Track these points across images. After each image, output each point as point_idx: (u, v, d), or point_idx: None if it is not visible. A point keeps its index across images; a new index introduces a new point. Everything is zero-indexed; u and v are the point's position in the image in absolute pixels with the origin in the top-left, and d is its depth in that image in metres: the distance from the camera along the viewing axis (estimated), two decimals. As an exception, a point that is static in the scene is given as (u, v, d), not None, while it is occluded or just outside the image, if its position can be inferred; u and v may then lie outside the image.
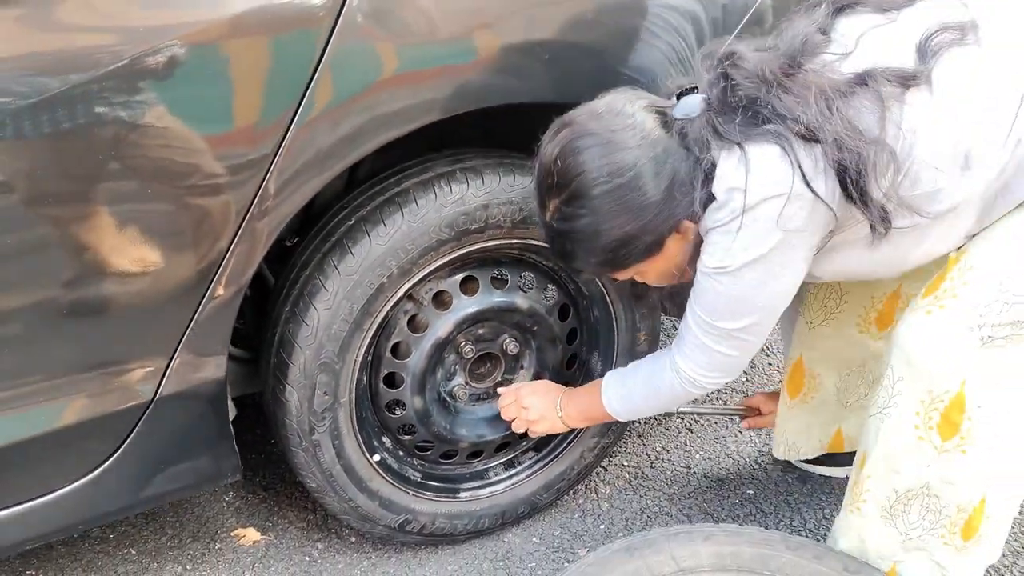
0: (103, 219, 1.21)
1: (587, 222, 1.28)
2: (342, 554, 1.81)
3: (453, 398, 1.70)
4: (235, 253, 1.31)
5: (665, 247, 1.32)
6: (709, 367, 1.41)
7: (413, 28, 1.30)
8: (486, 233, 1.51)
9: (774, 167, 1.19)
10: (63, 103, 1.13)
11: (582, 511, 1.89)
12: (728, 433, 2.09)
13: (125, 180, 1.21)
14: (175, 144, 1.21)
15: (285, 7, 1.21)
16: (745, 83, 1.22)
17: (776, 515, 1.86)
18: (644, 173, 1.24)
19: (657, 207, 1.26)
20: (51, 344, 1.27)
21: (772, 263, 1.25)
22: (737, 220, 1.21)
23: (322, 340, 1.47)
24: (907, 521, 1.36)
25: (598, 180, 1.25)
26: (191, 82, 1.19)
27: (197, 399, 1.41)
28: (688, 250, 1.32)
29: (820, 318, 1.73)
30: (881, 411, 1.34)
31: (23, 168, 1.15)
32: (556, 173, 1.28)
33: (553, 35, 1.40)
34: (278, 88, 1.24)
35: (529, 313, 1.66)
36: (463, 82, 1.36)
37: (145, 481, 1.45)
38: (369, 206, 1.49)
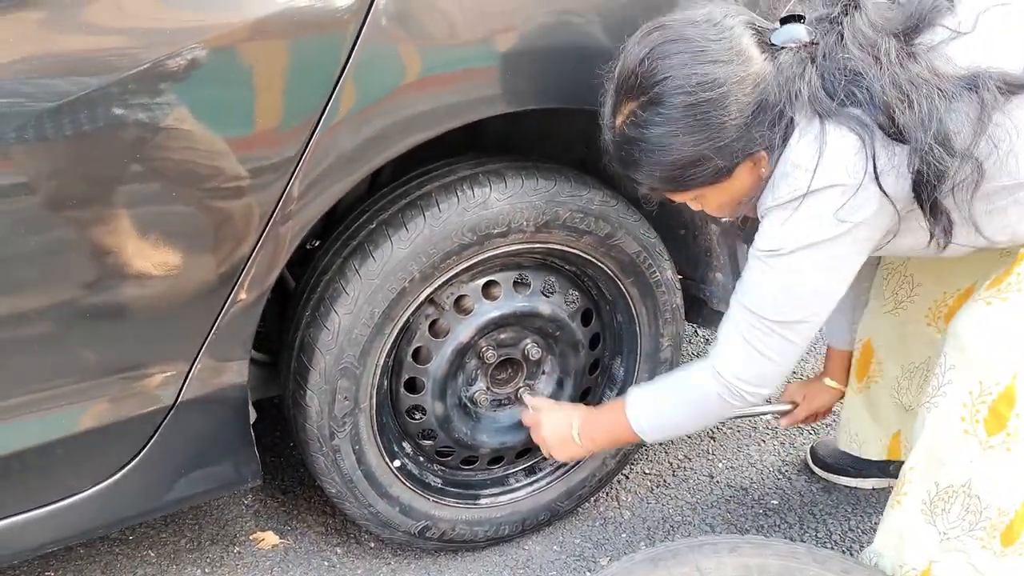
0: (126, 222, 1.21)
1: (661, 132, 1.21)
2: (361, 559, 1.80)
3: (474, 403, 1.68)
4: (258, 257, 1.31)
5: (734, 175, 1.25)
6: (748, 372, 1.35)
7: (440, 31, 1.28)
8: (509, 237, 1.50)
9: (848, 157, 1.15)
10: (88, 106, 1.12)
11: (603, 519, 1.87)
12: (751, 442, 2.06)
13: (148, 183, 1.21)
14: (200, 147, 1.20)
15: (311, 11, 1.20)
16: (856, 54, 1.17)
17: (801, 526, 1.83)
18: (732, 92, 1.18)
19: (737, 131, 1.20)
20: (74, 348, 1.26)
21: (828, 253, 1.21)
22: (798, 200, 1.18)
23: (343, 345, 1.46)
24: (947, 520, 1.33)
25: (683, 89, 1.18)
26: (217, 85, 1.18)
27: (218, 404, 1.41)
28: (757, 183, 1.26)
29: (891, 305, 1.69)
30: (930, 400, 1.31)
31: (50, 171, 1.15)
32: (640, 75, 1.21)
33: (583, 39, 1.38)
34: (304, 91, 1.23)
35: (551, 318, 1.65)
36: (491, 86, 1.34)
37: (166, 485, 1.44)
38: (391, 210, 1.48)
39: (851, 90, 1.16)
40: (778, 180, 1.21)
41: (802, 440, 2.06)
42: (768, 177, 1.24)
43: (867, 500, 1.88)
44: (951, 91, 1.15)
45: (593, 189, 1.56)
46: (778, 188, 1.20)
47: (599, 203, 1.56)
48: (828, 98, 1.17)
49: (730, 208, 1.33)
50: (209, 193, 1.24)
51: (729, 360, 1.35)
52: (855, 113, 1.15)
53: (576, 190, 1.54)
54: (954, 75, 1.17)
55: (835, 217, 1.18)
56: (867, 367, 1.78)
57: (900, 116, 1.13)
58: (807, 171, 1.17)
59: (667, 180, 1.27)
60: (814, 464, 1.96)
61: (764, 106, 1.19)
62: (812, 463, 1.97)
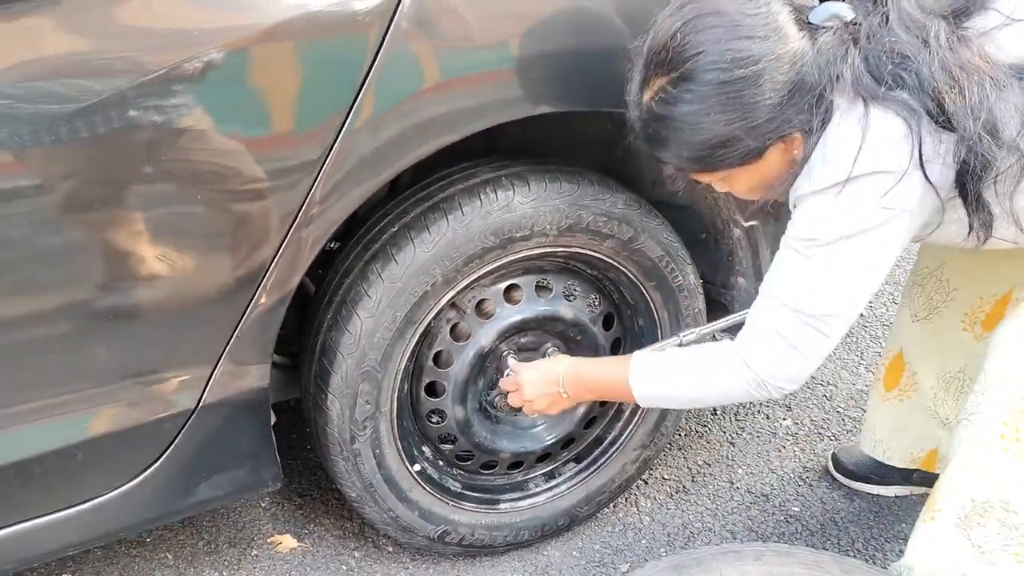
0: (150, 226, 1.21)
1: (691, 110, 1.16)
2: (379, 563, 1.79)
3: (494, 408, 1.67)
4: (281, 261, 1.30)
5: (765, 157, 1.20)
6: (775, 365, 1.30)
7: (465, 35, 1.27)
8: (531, 240, 1.49)
9: (893, 143, 1.11)
10: (112, 107, 1.12)
11: (623, 525, 1.86)
12: (771, 448, 2.05)
13: (172, 186, 1.20)
14: (224, 150, 1.19)
15: (336, 14, 1.19)
16: (903, 36, 1.12)
17: (823, 534, 1.81)
18: (767, 70, 1.12)
19: (770, 111, 1.14)
20: (97, 352, 1.26)
21: (868, 242, 1.17)
22: (838, 187, 1.13)
23: (365, 348, 1.45)
24: (982, 534, 1.30)
25: (717, 65, 1.13)
26: (242, 87, 1.18)
27: (240, 407, 1.40)
28: (789, 166, 1.21)
29: (925, 311, 1.66)
30: (968, 416, 1.28)
31: (75, 173, 1.14)
32: (671, 49, 1.15)
33: (605, 41, 1.37)
34: (329, 94, 1.22)
35: (573, 322, 1.63)
36: (516, 88, 1.33)
37: (187, 489, 1.43)
38: (413, 212, 1.47)
39: (898, 74, 1.11)
40: (816, 165, 1.16)
41: (823, 447, 2.04)
42: (802, 161, 1.19)
43: (890, 508, 1.86)
44: (1002, 80, 1.10)
45: (616, 192, 1.55)
46: (816, 174, 1.16)
47: (622, 206, 1.54)
48: (874, 81, 1.12)
49: (760, 191, 1.29)
50: (233, 196, 1.23)
51: (760, 355, 1.31)
52: (902, 97, 1.11)
53: (599, 193, 1.52)
54: (1006, 63, 1.12)
55: (877, 205, 1.13)
56: (898, 378, 1.75)
57: (949, 103, 1.09)
58: (849, 157, 1.12)
59: (695, 160, 1.22)
60: (836, 471, 1.94)
61: (800, 87, 1.14)
62: (834, 470, 1.95)
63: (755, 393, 1.34)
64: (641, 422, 1.78)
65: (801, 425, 2.10)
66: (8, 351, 1.21)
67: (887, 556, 1.76)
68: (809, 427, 2.10)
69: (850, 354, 2.32)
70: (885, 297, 2.53)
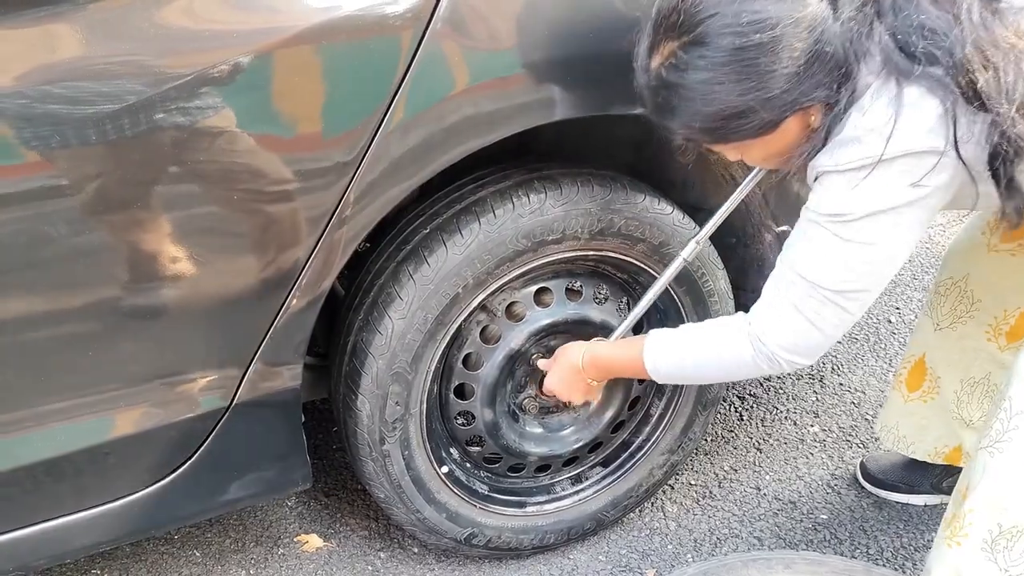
0: (186, 227, 1.21)
1: (703, 78, 1.09)
2: (405, 564, 1.79)
3: (522, 410, 1.67)
4: (314, 262, 1.30)
5: (782, 127, 1.14)
6: (789, 340, 1.25)
7: (503, 35, 1.27)
8: (563, 244, 1.48)
9: (928, 123, 1.07)
10: (149, 109, 1.12)
11: (649, 530, 1.85)
12: (799, 455, 2.03)
13: (205, 187, 1.20)
14: (259, 151, 1.20)
15: (373, 15, 1.19)
16: (932, 11, 1.07)
17: (852, 542, 1.79)
18: (786, 36, 1.06)
19: (787, 81, 1.08)
20: (132, 352, 1.27)
21: (897, 220, 1.13)
22: (867, 168, 1.09)
23: (395, 350, 1.45)
24: (1008, 558, 1.29)
25: (732, 28, 1.06)
26: (279, 88, 1.17)
27: (271, 407, 1.41)
28: (806, 136, 1.16)
29: (948, 320, 1.64)
30: (993, 445, 1.27)
31: (113, 174, 1.15)
32: (683, 11, 1.09)
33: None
34: (365, 95, 1.22)
35: (602, 325, 1.63)
36: (552, 92, 1.32)
37: (217, 487, 1.44)
38: (446, 214, 1.47)
39: (930, 51, 1.06)
40: (846, 143, 1.11)
41: (851, 454, 2.02)
42: (822, 130, 1.14)
43: (919, 517, 1.85)
44: None
45: (648, 196, 1.54)
46: (845, 151, 1.11)
47: (653, 211, 1.54)
48: (906, 59, 1.07)
49: (775, 161, 1.24)
50: (269, 197, 1.23)
51: (774, 328, 1.26)
52: (937, 74, 1.06)
53: (631, 197, 1.52)
54: None
55: (910, 185, 1.10)
56: (920, 382, 1.74)
57: (983, 83, 1.05)
58: (882, 136, 1.08)
59: (707, 131, 1.16)
60: (864, 480, 1.92)
61: (820, 57, 1.08)
62: (862, 478, 1.93)
63: (765, 367, 1.30)
64: (669, 427, 1.77)
65: (829, 432, 2.09)
66: (45, 350, 1.22)
67: (916, 566, 1.74)
68: (837, 434, 2.08)
69: (879, 361, 2.30)
70: (914, 304, 2.51)
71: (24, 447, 1.28)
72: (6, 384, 1.23)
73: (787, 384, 2.24)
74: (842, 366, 2.29)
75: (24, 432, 1.27)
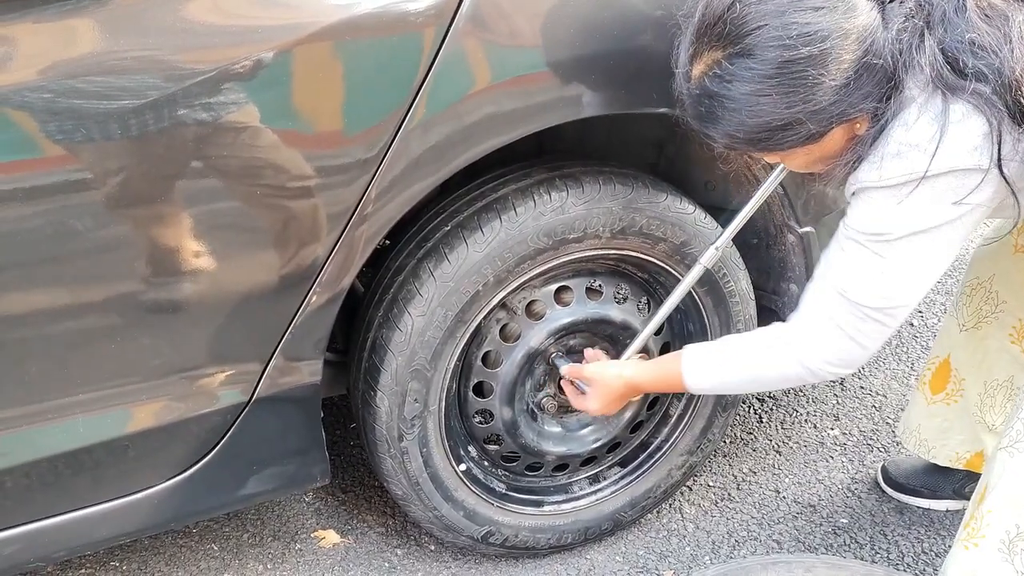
0: (208, 222, 1.22)
1: (748, 91, 1.07)
2: (421, 562, 1.79)
3: (541, 409, 1.67)
4: (336, 258, 1.31)
5: (827, 137, 1.13)
6: (831, 355, 1.25)
7: (527, 33, 1.27)
8: (584, 242, 1.48)
9: (974, 141, 1.06)
10: (173, 104, 1.13)
11: (667, 531, 1.84)
12: (819, 458, 2.01)
13: (227, 182, 1.21)
14: (282, 146, 1.20)
15: (397, 12, 1.19)
16: (982, 27, 1.06)
17: (872, 547, 1.78)
18: (835, 49, 1.04)
19: (835, 94, 1.07)
20: (155, 345, 1.27)
21: (938, 239, 1.13)
22: (911, 185, 1.08)
23: (415, 347, 1.45)
24: None
25: (780, 41, 1.04)
26: (303, 85, 1.18)
27: (291, 403, 1.41)
28: (852, 145, 1.15)
29: (973, 321, 1.63)
30: (1012, 445, 1.25)
31: (138, 168, 1.15)
32: (729, 20, 1.07)
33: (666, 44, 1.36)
34: (387, 92, 1.22)
35: (622, 325, 1.62)
36: (575, 90, 1.32)
37: (237, 482, 1.45)
38: (466, 212, 1.47)
39: (979, 68, 1.05)
40: (887, 158, 1.10)
41: (872, 458, 2.00)
42: (867, 139, 1.13)
43: (941, 522, 1.83)
44: None
45: (670, 196, 1.53)
46: (887, 167, 1.10)
47: (675, 210, 1.53)
48: (955, 76, 1.06)
49: (816, 166, 1.21)
50: (291, 193, 1.24)
51: (817, 346, 1.26)
52: (984, 92, 1.05)
53: (653, 196, 1.51)
54: None
55: (952, 203, 1.09)
56: (944, 383, 1.72)
57: None
58: (926, 152, 1.07)
59: (750, 142, 1.14)
60: (886, 484, 1.90)
61: (868, 68, 1.07)
62: (884, 483, 1.91)
63: (809, 379, 1.30)
64: (688, 428, 1.76)
65: (849, 435, 2.07)
66: (70, 342, 1.23)
67: (938, 571, 1.72)
68: (858, 437, 2.06)
69: (900, 364, 2.28)
70: (936, 307, 2.48)
71: (47, 439, 1.29)
72: (31, 376, 1.23)
73: (807, 387, 2.22)
74: (863, 369, 2.27)
75: (48, 423, 1.28)
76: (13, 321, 1.19)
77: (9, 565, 1.37)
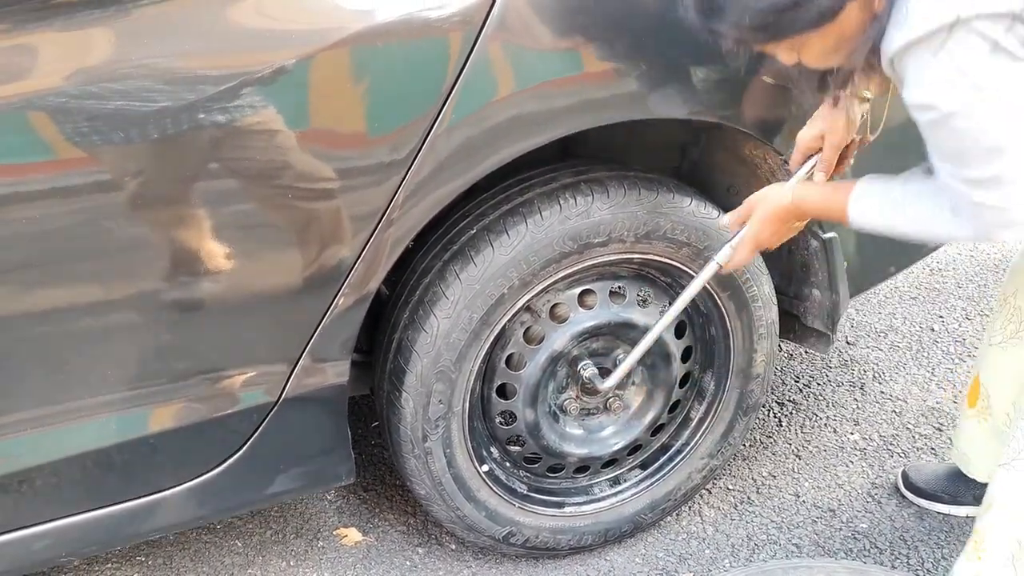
0: (241, 224, 1.24)
1: None
2: (443, 561, 1.81)
3: (563, 411, 1.68)
4: (363, 261, 1.32)
5: (841, 15, 1.05)
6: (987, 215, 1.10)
7: (555, 39, 1.28)
8: (609, 247, 1.49)
9: None
10: (208, 107, 1.15)
11: (686, 534, 1.85)
12: (838, 462, 2.02)
13: (259, 185, 1.23)
14: (313, 149, 1.22)
15: (429, 17, 1.21)
16: None
17: (892, 552, 1.78)
18: None
19: None
20: (187, 347, 1.30)
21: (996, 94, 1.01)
22: (940, 36, 0.99)
23: (440, 348, 1.46)
24: None
25: None
26: (333, 89, 1.20)
27: (318, 403, 1.43)
28: (868, 23, 1.06)
29: (999, 338, 1.62)
30: (1010, 462, 1.26)
31: (172, 171, 1.18)
32: None
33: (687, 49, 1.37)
34: (418, 96, 1.24)
35: (646, 329, 1.62)
36: (603, 94, 1.33)
37: (265, 480, 1.47)
38: (492, 215, 1.48)
39: None
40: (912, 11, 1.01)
41: (892, 463, 2.00)
42: (883, 14, 1.05)
43: (961, 528, 1.82)
44: None
45: (694, 200, 1.54)
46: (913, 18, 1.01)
47: (699, 215, 1.54)
48: None
49: (835, 57, 1.12)
50: (321, 196, 1.25)
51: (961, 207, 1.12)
52: None
53: (677, 201, 1.52)
54: None
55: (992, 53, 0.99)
56: (976, 399, 1.71)
57: None
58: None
59: (759, 27, 1.06)
60: (906, 489, 1.90)
61: None
62: (904, 488, 1.91)
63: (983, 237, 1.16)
64: (709, 431, 1.77)
65: (869, 440, 2.07)
66: (102, 343, 1.26)
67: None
68: (878, 442, 2.06)
69: (920, 370, 2.28)
70: (957, 312, 2.48)
71: (76, 437, 1.32)
72: (63, 375, 1.26)
73: (827, 391, 2.22)
74: (883, 374, 2.27)
75: (77, 422, 1.30)
76: (43, 319, 1.22)
77: (42, 559, 1.39)
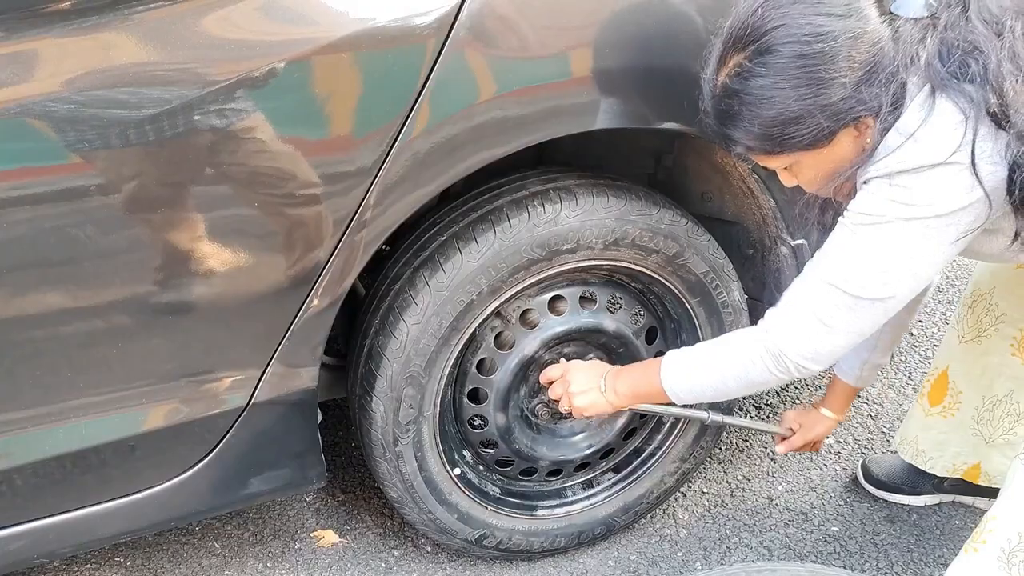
0: (209, 229, 1.25)
1: (765, 83, 1.16)
2: (417, 563, 1.82)
3: (535, 415, 1.70)
4: (334, 264, 1.34)
5: (835, 141, 1.20)
6: (805, 344, 1.29)
7: (524, 44, 1.29)
8: (577, 254, 1.51)
9: (946, 132, 1.12)
10: (177, 114, 1.16)
11: (659, 536, 1.87)
12: (812, 466, 2.04)
13: (230, 188, 1.24)
14: (284, 153, 1.23)
15: (396, 25, 1.22)
16: (979, 28, 1.13)
17: (861, 555, 1.80)
18: (844, 48, 1.13)
19: (845, 90, 1.15)
20: (157, 350, 1.31)
21: (924, 232, 1.17)
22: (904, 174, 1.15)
23: (410, 354, 1.48)
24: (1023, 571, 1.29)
25: (795, 37, 1.14)
26: (305, 95, 1.21)
27: (289, 407, 1.44)
28: (858, 154, 1.21)
29: (973, 333, 1.66)
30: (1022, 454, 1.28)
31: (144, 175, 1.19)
32: (751, 24, 1.17)
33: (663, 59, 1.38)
34: (386, 102, 1.25)
35: (616, 334, 1.65)
36: (572, 103, 1.35)
37: (235, 483, 1.48)
38: (462, 223, 1.50)
39: (966, 61, 1.12)
40: (883, 149, 1.17)
41: (865, 466, 2.02)
42: (871, 147, 1.19)
43: (931, 531, 1.84)
44: None
45: (663, 208, 1.56)
46: (886, 159, 1.16)
47: (668, 222, 1.55)
48: (942, 70, 1.13)
49: (825, 180, 1.27)
50: (292, 199, 1.27)
51: (787, 328, 1.30)
52: (967, 89, 1.11)
53: (646, 209, 1.54)
54: None
55: (941, 196, 1.14)
56: (942, 396, 1.74)
57: (1009, 91, 1.09)
58: (915, 140, 1.13)
59: (765, 138, 1.21)
60: (867, 482, 1.93)
61: (877, 68, 1.14)
62: (864, 481, 1.94)
63: (775, 371, 1.33)
64: (681, 435, 1.79)
65: (844, 444, 2.09)
66: (74, 347, 1.27)
67: (926, 581, 1.74)
68: (852, 446, 2.08)
69: (898, 374, 2.29)
70: (937, 317, 2.49)
71: (54, 439, 1.33)
72: (39, 378, 1.27)
73: (804, 394, 2.24)
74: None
75: (56, 424, 1.32)
76: (29, 323, 1.23)
77: (16, 560, 1.41)
